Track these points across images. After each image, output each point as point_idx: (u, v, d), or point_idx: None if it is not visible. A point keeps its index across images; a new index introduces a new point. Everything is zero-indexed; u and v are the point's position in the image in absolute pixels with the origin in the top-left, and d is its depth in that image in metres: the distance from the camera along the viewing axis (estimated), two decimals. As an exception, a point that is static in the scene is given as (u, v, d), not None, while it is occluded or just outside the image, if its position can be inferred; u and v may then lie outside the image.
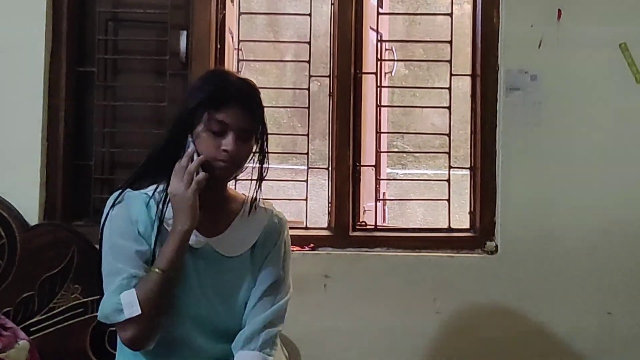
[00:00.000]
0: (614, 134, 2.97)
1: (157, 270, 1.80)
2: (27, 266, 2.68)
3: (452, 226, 3.15)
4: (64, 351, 2.64)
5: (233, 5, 3.26)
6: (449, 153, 3.18)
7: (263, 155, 1.99)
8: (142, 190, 1.94)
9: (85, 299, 2.66)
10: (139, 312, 1.76)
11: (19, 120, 2.93)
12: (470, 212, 3.15)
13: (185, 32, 3.06)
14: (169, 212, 1.88)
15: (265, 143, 1.99)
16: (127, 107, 3.12)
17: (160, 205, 1.89)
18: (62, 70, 3.01)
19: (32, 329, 2.64)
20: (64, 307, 2.67)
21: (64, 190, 3.01)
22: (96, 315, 2.58)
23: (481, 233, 3.04)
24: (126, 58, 3.12)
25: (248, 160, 1.95)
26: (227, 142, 1.86)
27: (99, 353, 2.66)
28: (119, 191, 1.95)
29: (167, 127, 2.00)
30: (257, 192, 2.00)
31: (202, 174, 1.84)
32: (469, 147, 3.17)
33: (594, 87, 2.96)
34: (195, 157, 1.86)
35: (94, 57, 3.08)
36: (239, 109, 1.87)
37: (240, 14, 3.18)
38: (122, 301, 1.78)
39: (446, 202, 3.15)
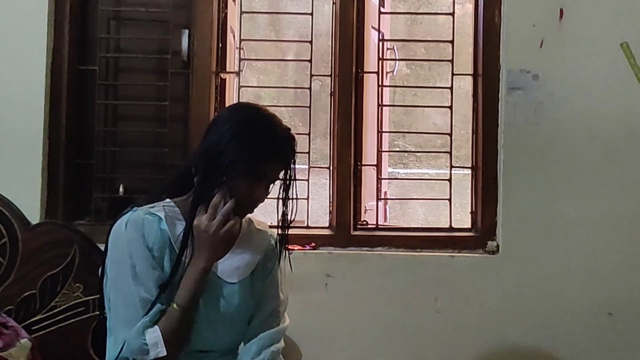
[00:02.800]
0: (616, 133, 2.97)
1: (177, 307, 1.85)
2: (29, 265, 2.68)
3: (454, 226, 3.15)
4: (65, 350, 2.64)
5: (235, 4, 3.26)
6: (450, 152, 3.18)
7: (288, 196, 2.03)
8: (150, 210, 1.94)
9: (87, 298, 2.66)
10: (165, 353, 1.82)
11: (20, 118, 2.94)
12: (471, 212, 3.15)
13: (187, 31, 3.06)
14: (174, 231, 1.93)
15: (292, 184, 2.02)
16: (129, 106, 3.12)
17: (183, 237, 1.90)
18: (64, 68, 3.01)
19: (33, 328, 2.63)
20: (65, 306, 2.67)
21: (66, 189, 3.02)
22: (97, 314, 2.61)
23: (482, 233, 3.04)
24: (128, 57, 3.12)
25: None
26: (260, 191, 1.92)
27: (101, 352, 2.65)
28: (130, 211, 1.95)
29: (200, 155, 1.93)
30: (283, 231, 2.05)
31: (236, 219, 1.89)
32: (470, 146, 3.18)
33: (595, 87, 2.96)
34: (228, 198, 1.88)
35: (95, 56, 3.08)
36: (281, 164, 1.95)
37: (241, 13, 3.18)
38: (147, 341, 1.82)
39: (447, 201, 3.15)
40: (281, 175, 1.98)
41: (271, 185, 1.95)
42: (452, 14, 3.16)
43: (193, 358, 1.94)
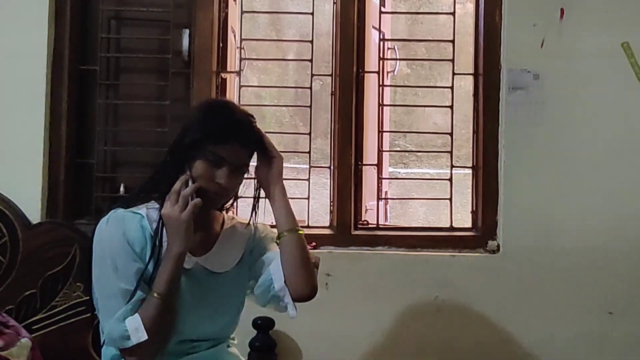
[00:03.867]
0: (617, 133, 2.97)
1: (155, 295, 1.87)
2: (29, 264, 2.69)
3: (454, 225, 3.15)
4: (65, 349, 2.64)
5: (235, 4, 3.26)
6: (451, 152, 3.18)
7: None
8: (133, 210, 1.99)
9: (87, 298, 2.65)
10: (146, 337, 1.84)
11: (21, 118, 2.94)
12: (472, 212, 3.15)
13: (187, 31, 3.06)
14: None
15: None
16: (130, 105, 3.12)
17: (156, 226, 1.95)
18: (65, 68, 3.01)
19: (34, 327, 2.64)
20: (65, 305, 2.68)
21: (66, 189, 3.02)
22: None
23: (483, 232, 3.04)
24: (129, 56, 3.12)
25: (237, 189, 2.06)
26: (221, 175, 1.94)
27: (101, 351, 2.66)
28: (112, 211, 2.00)
29: (167, 150, 2.05)
30: (253, 215, 2.13)
31: (197, 200, 1.91)
32: (471, 146, 3.17)
33: (596, 87, 2.96)
34: (190, 183, 1.93)
35: (96, 56, 3.08)
36: (238, 146, 1.96)
37: (242, 12, 3.18)
38: (128, 328, 1.85)
39: (448, 201, 3.14)
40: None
41: (240, 172, 1.99)
42: (453, 14, 3.16)
43: (185, 347, 1.99)
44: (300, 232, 2.04)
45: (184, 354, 2.00)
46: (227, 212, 2.18)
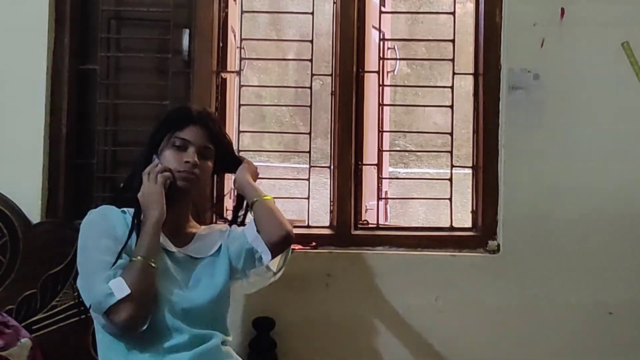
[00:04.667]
0: (617, 132, 2.97)
1: (137, 258, 2.03)
2: (30, 264, 2.69)
3: (454, 225, 3.15)
4: (66, 349, 2.64)
5: (235, 3, 3.26)
6: (451, 152, 3.18)
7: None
8: (117, 208, 2.20)
9: (87, 297, 2.66)
10: (129, 291, 1.95)
11: (21, 118, 2.93)
12: (472, 211, 3.15)
13: (187, 31, 3.05)
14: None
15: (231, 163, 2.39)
16: (130, 105, 3.12)
17: (135, 209, 2.15)
18: (65, 68, 3.01)
19: (34, 327, 2.64)
20: (66, 305, 2.68)
21: (66, 189, 3.02)
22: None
23: (483, 232, 3.04)
24: (129, 56, 3.12)
25: (207, 177, 2.32)
26: (189, 155, 2.19)
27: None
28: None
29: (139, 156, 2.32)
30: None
31: (167, 173, 2.17)
32: (471, 146, 3.17)
33: (596, 86, 2.96)
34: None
35: (96, 55, 3.08)
36: (197, 128, 2.23)
37: (242, 12, 3.18)
38: (111, 287, 1.96)
39: (448, 201, 3.14)
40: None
41: (205, 157, 2.24)
42: (453, 13, 3.16)
43: (175, 323, 2.08)
44: (267, 197, 2.28)
45: (178, 350, 2.05)
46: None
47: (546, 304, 2.94)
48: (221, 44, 3.12)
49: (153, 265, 2.04)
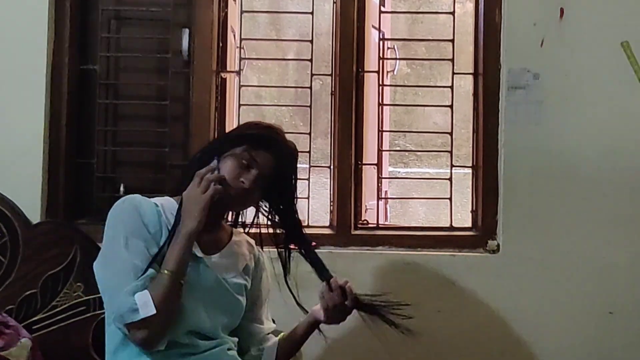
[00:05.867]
0: (617, 132, 2.97)
1: (166, 272, 1.89)
2: (30, 264, 2.68)
3: (454, 225, 3.15)
4: (66, 349, 2.64)
5: (235, 3, 3.26)
6: (451, 152, 3.18)
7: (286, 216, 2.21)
8: (149, 199, 2.04)
9: (88, 297, 2.66)
10: (154, 311, 1.83)
11: (21, 118, 2.93)
12: (472, 211, 3.15)
13: (187, 31, 3.06)
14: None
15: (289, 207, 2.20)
16: (130, 105, 3.12)
17: (178, 207, 1.99)
18: (65, 68, 3.01)
19: (34, 327, 2.64)
20: (66, 305, 2.67)
21: (66, 188, 3.02)
22: (98, 314, 2.62)
23: (483, 232, 3.04)
24: (128, 56, 3.12)
25: (251, 203, 2.16)
26: (248, 177, 2.02)
27: (102, 351, 2.66)
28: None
29: (200, 149, 2.18)
30: (286, 255, 2.26)
31: (219, 186, 1.97)
32: (471, 145, 3.17)
33: (596, 86, 2.96)
34: (216, 172, 2.01)
35: (96, 55, 3.08)
36: (273, 158, 2.06)
37: (242, 12, 3.18)
38: (137, 301, 1.84)
39: (448, 200, 3.15)
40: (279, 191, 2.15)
41: (262, 185, 2.06)
42: (453, 13, 3.16)
43: (187, 344, 2.00)
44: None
45: (186, 355, 2.01)
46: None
47: (546, 304, 2.94)
48: (221, 44, 3.12)
49: (182, 282, 1.92)
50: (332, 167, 3.14)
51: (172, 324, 1.93)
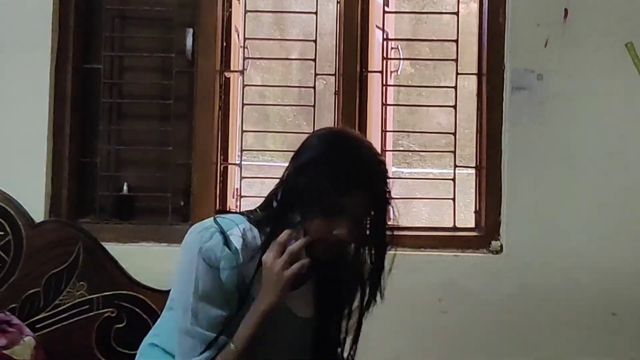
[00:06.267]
0: (620, 133, 2.96)
1: (233, 347, 1.70)
2: (33, 263, 2.69)
3: (457, 225, 3.15)
4: (69, 348, 2.64)
5: (239, 3, 3.27)
6: (454, 152, 3.18)
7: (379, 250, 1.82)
8: (230, 235, 1.73)
9: (91, 296, 2.67)
10: None
11: (24, 117, 2.94)
12: (475, 212, 3.15)
13: (191, 30, 3.06)
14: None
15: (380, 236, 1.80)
16: (133, 104, 3.13)
17: (254, 273, 1.72)
18: (69, 67, 3.02)
19: (37, 326, 2.64)
20: (69, 304, 2.68)
21: (70, 187, 3.02)
22: (102, 313, 2.64)
23: (486, 232, 3.04)
24: (132, 55, 3.12)
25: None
26: (340, 227, 1.68)
27: (105, 350, 2.66)
28: (212, 228, 1.75)
29: (280, 182, 1.79)
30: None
31: (305, 260, 1.68)
32: (474, 146, 3.17)
33: (599, 87, 2.96)
34: (300, 236, 1.69)
35: (100, 54, 3.08)
36: (363, 197, 1.70)
37: (246, 12, 3.19)
38: None
39: (451, 201, 3.14)
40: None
41: (361, 223, 1.75)
42: (457, 14, 3.16)
43: None
44: None
45: None
46: None
47: (549, 304, 2.94)
48: (225, 44, 3.12)
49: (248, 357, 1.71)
50: (335, 167, 3.13)
51: None
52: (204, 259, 1.70)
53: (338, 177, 1.67)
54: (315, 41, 3.17)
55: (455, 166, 3.16)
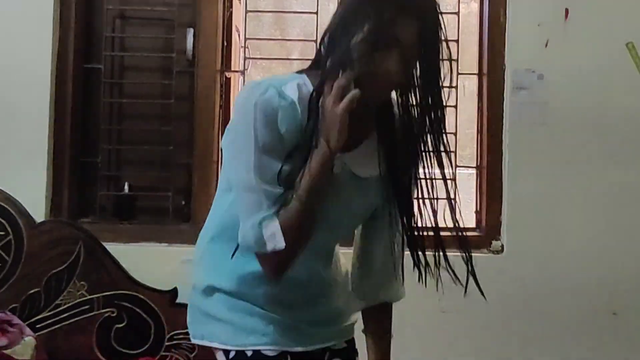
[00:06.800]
0: (621, 133, 2.96)
1: (298, 200, 1.59)
2: (34, 263, 2.69)
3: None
4: (70, 348, 2.65)
5: (240, 3, 3.26)
6: (455, 152, 3.18)
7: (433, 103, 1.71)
8: (283, 89, 1.64)
9: (92, 296, 2.67)
10: (283, 245, 1.59)
11: (25, 117, 2.94)
12: (476, 211, 3.14)
13: (192, 30, 3.06)
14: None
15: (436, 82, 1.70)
16: (134, 104, 3.13)
17: (311, 116, 1.61)
18: (69, 67, 3.02)
19: (38, 326, 2.64)
20: (70, 304, 2.68)
21: (71, 187, 3.02)
22: (102, 312, 2.63)
23: (487, 232, 3.04)
24: (133, 55, 3.12)
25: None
26: (391, 62, 1.56)
27: (105, 350, 2.66)
28: (265, 83, 1.66)
29: (327, 30, 1.65)
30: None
31: (355, 91, 1.53)
32: (475, 146, 3.17)
33: (600, 87, 2.96)
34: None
35: (101, 54, 3.08)
36: (412, 25, 1.58)
37: (247, 12, 3.18)
38: (264, 234, 1.59)
39: (453, 200, 3.13)
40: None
41: (412, 56, 1.61)
42: (457, 13, 3.15)
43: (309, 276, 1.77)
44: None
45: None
46: None
47: (550, 304, 2.94)
48: (225, 44, 3.12)
49: (313, 207, 1.60)
50: (336, 166, 3.13)
51: (299, 253, 1.65)
52: (261, 112, 1.60)
53: (385, 5, 1.56)
54: (315, 41, 3.17)
55: (456, 166, 3.15)
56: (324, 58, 1.63)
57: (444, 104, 1.72)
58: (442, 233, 1.93)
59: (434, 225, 1.88)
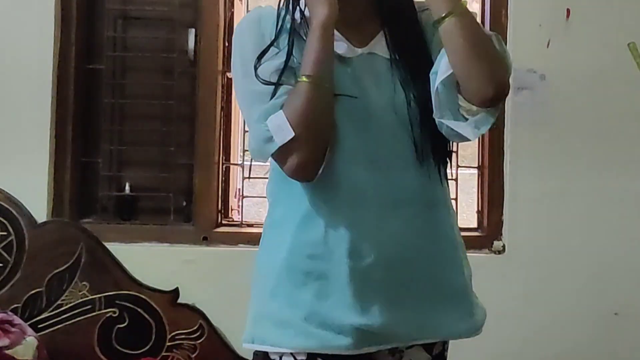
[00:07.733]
0: (622, 133, 2.96)
1: (302, 78, 1.43)
2: (35, 263, 2.69)
3: (460, 225, 3.13)
4: (71, 348, 2.65)
5: (241, 3, 3.26)
6: (456, 152, 3.17)
7: None
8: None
9: (93, 296, 2.67)
10: (292, 134, 1.41)
11: (27, 117, 2.94)
12: (477, 212, 3.14)
13: (193, 30, 3.06)
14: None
15: None
16: (136, 104, 3.13)
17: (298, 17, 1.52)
18: (71, 67, 3.02)
19: (39, 326, 2.65)
20: (71, 304, 2.68)
21: (72, 188, 3.02)
22: (104, 313, 2.64)
23: (488, 232, 3.04)
24: (135, 56, 3.12)
25: None
26: None
27: (107, 350, 2.67)
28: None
29: None
30: None
31: None
32: (476, 146, 3.17)
33: (602, 87, 2.95)
34: None
35: (102, 55, 3.09)
36: None
37: (248, 12, 3.18)
38: (270, 127, 1.43)
39: (454, 201, 3.14)
40: None
41: None
42: (459, 14, 3.15)
43: (367, 168, 1.51)
44: (461, 9, 1.47)
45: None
46: None
47: (552, 305, 2.94)
48: (227, 44, 3.12)
49: (327, 86, 1.44)
50: (337, 167, 3.12)
51: (324, 137, 1.45)
52: (245, 21, 1.58)
53: None
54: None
55: (458, 166, 3.15)
56: None
57: None
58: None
59: None
